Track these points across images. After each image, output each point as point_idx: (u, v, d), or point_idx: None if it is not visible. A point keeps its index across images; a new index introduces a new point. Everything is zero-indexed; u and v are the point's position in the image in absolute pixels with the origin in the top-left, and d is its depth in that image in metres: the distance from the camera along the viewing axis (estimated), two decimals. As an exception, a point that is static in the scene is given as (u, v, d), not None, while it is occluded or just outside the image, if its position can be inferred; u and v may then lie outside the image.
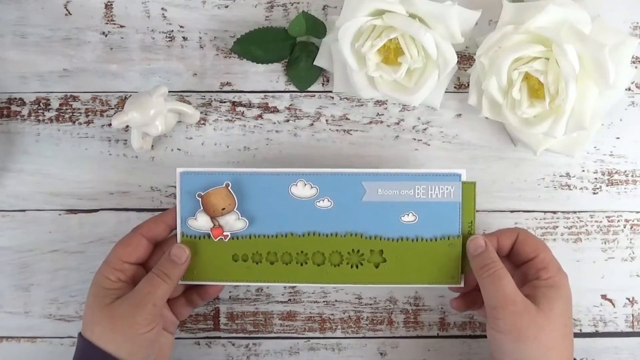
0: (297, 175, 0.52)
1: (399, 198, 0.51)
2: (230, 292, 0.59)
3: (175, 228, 0.52)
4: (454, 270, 0.52)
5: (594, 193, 0.58)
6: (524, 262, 0.51)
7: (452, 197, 0.51)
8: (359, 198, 0.52)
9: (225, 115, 0.58)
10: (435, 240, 0.52)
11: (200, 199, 0.51)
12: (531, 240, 0.51)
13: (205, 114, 0.58)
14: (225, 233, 0.52)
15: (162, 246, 0.53)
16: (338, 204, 0.52)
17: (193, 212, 0.52)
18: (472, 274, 0.51)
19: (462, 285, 0.52)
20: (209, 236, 0.52)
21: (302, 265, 0.52)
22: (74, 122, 0.58)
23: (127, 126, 0.55)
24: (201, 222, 0.52)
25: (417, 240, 0.52)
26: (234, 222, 0.52)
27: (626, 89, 0.58)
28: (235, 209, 0.52)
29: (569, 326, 0.49)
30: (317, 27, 0.55)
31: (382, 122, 0.58)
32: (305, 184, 0.52)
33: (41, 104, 0.58)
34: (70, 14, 0.58)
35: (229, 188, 0.51)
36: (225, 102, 0.58)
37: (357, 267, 0.52)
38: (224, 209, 0.51)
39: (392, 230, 0.52)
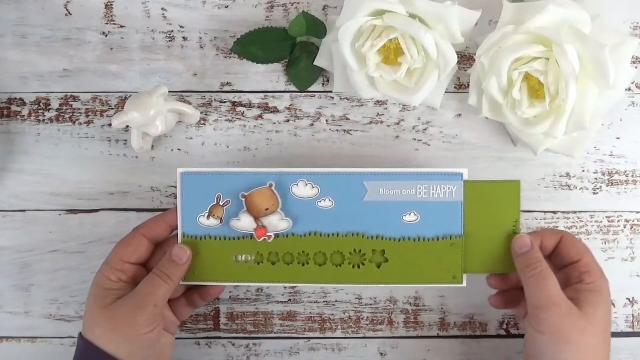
0: (298, 174, 0.52)
1: (400, 197, 0.51)
2: (230, 292, 0.59)
3: (177, 228, 0.52)
4: (455, 270, 0.52)
5: (594, 193, 0.58)
6: (566, 265, 0.51)
7: (454, 197, 0.51)
8: (360, 198, 0.52)
9: (225, 115, 0.58)
10: (437, 239, 0.52)
11: (243, 199, 0.51)
12: (575, 243, 0.51)
13: (205, 114, 0.58)
14: (268, 233, 0.52)
15: (163, 246, 0.53)
16: (339, 203, 0.52)
17: (196, 212, 0.52)
18: (514, 272, 0.51)
19: (464, 284, 0.52)
20: (210, 236, 0.52)
21: (303, 265, 0.52)
22: (74, 122, 0.58)
23: (127, 126, 0.55)
24: (244, 223, 0.51)
25: (418, 240, 0.52)
26: (277, 222, 0.52)
27: (626, 89, 0.58)
28: (278, 209, 0.51)
29: (608, 332, 0.49)
30: (317, 27, 0.55)
31: (382, 122, 0.58)
32: (306, 184, 0.52)
33: (41, 104, 0.58)
34: (70, 14, 0.58)
35: (273, 188, 0.51)
36: (225, 102, 0.58)
37: (358, 267, 0.52)
38: (267, 209, 0.51)
39: (393, 230, 0.52)
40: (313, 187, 0.52)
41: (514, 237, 0.51)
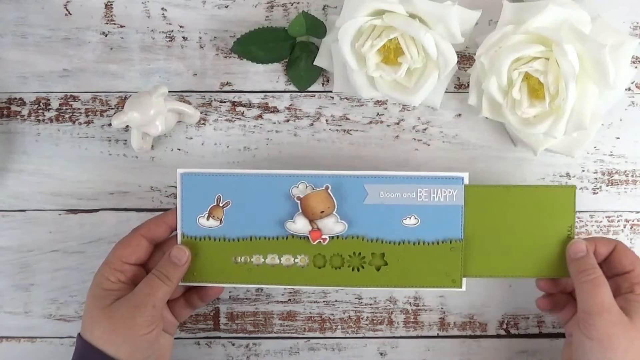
0: (298, 177, 0.52)
1: (401, 201, 0.51)
2: (230, 292, 0.59)
3: (176, 229, 0.52)
4: (455, 274, 0.52)
5: (594, 193, 0.58)
6: (618, 274, 0.51)
7: (455, 201, 0.51)
8: (361, 200, 0.52)
9: (225, 115, 0.58)
10: (437, 243, 0.51)
11: (299, 202, 0.51)
12: (629, 253, 0.51)
13: (205, 114, 0.58)
14: (323, 236, 0.51)
15: (163, 247, 0.53)
16: (340, 206, 0.52)
17: (196, 213, 0.52)
18: (567, 277, 0.51)
19: (463, 289, 0.52)
20: (210, 237, 0.52)
21: (302, 267, 0.52)
22: (74, 122, 0.58)
23: (127, 126, 0.55)
24: (299, 225, 0.51)
25: (418, 244, 0.52)
26: (333, 225, 0.51)
27: (626, 89, 0.58)
28: (334, 212, 0.51)
29: None
30: (317, 27, 0.55)
31: (382, 122, 0.58)
32: (307, 186, 0.51)
33: (41, 104, 0.58)
34: (70, 14, 0.58)
35: (329, 191, 0.51)
36: (225, 102, 0.58)
37: (358, 270, 0.52)
38: (322, 211, 0.51)
39: (393, 233, 0.52)
40: (314, 190, 0.52)
41: (570, 242, 0.51)
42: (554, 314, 0.55)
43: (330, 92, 0.58)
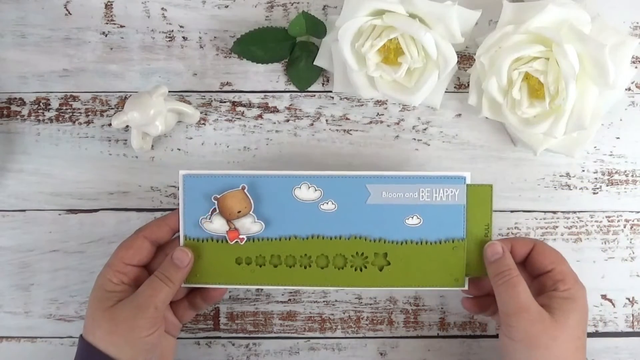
0: (301, 177, 0.51)
1: (403, 201, 0.51)
2: (230, 292, 0.59)
3: (179, 231, 0.52)
4: (458, 273, 0.52)
5: (594, 193, 0.58)
6: (541, 273, 0.50)
7: (457, 200, 0.51)
8: (363, 201, 0.51)
9: (225, 115, 0.58)
10: (440, 243, 0.51)
11: (216, 202, 0.51)
12: (548, 252, 0.51)
13: (205, 114, 0.58)
14: (241, 236, 0.52)
15: (165, 248, 0.52)
16: (342, 206, 0.51)
17: (197, 215, 0.52)
18: (487, 279, 0.51)
19: (466, 288, 0.52)
20: (212, 239, 0.52)
21: (305, 268, 0.52)
22: (74, 122, 0.58)
23: (127, 126, 0.55)
24: (217, 225, 0.51)
25: (421, 243, 0.51)
26: (250, 225, 0.51)
27: (626, 89, 0.58)
28: (251, 212, 0.51)
29: (583, 339, 0.48)
30: (317, 27, 0.55)
31: (382, 122, 0.58)
32: (309, 187, 0.51)
33: (41, 104, 0.58)
34: (70, 14, 0.58)
35: (245, 191, 0.51)
36: (225, 102, 0.58)
37: (361, 270, 0.52)
38: (239, 211, 0.51)
39: (396, 233, 0.52)
40: (316, 190, 0.51)
41: (486, 245, 0.51)
42: (491, 318, 0.55)
43: (330, 92, 0.58)
